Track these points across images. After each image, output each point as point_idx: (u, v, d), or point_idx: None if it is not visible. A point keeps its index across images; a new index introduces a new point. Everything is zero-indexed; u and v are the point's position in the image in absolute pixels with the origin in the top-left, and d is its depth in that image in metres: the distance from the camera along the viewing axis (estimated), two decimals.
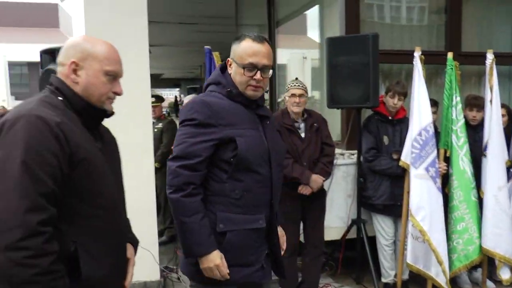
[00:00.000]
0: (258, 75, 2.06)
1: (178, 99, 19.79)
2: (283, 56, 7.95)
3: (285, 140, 3.69)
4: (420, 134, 3.66)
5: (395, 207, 3.93)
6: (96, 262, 1.54)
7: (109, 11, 4.20)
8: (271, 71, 2.13)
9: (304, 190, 3.64)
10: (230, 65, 2.14)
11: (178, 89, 26.62)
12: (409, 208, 3.69)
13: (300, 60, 8.16)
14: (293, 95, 3.68)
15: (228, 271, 2.02)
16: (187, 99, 6.15)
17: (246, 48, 2.07)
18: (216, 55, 3.45)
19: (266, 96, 7.13)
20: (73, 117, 1.57)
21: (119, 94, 1.70)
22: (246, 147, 2.03)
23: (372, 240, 4.10)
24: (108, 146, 1.75)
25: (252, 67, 2.06)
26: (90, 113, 1.63)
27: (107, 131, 1.83)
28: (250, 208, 2.09)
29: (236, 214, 2.06)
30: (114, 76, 1.66)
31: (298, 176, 3.60)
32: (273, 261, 2.27)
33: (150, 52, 4.96)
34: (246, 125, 2.09)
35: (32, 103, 1.51)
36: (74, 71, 1.61)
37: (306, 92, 3.77)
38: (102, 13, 4.20)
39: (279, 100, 6.79)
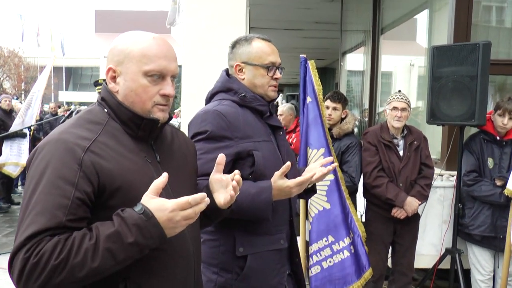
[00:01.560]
0: (278, 74, 2.01)
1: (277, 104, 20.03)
2: (389, 63, 7.59)
3: (382, 157, 3.49)
4: None
5: (496, 240, 3.49)
6: None
7: (209, 19, 4.32)
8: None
9: (398, 213, 3.45)
10: (241, 70, 2.00)
11: (281, 94, 27.00)
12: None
13: (407, 67, 7.73)
14: (395, 108, 3.49)
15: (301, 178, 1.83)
16: (282, 107, 6.06)
17: (263, 48, 1.99)
18: (311, 63, 3.29)
19: (366, 105, 6.86)
20: (118, 131, 1.38)
21: (168, 96, 1.40)
22: (264, 162, 1.90)
23: (468, 272, 3.70)
24: (174, 156, 1.52)
25: (272, 66, 1.99)
26: (138, 124, 1.39)
27: (178, 136, 1.61)
28: (270, 228, 1.95)
29: (256, 235, 1.92)
30: (159, 75, 1.38)
31: (393, 198, 3.41)
32: (294, 282, 2.12)
33: None
34: (261, 137, 1.95)
35: (68, 124, 1.37)
36: (113, 79, 1.40)
37: (409, 106, 3.56)
38: (201, 21, 4.33)
39: (380, 110, 6.47)
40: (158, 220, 1.22)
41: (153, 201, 1.24)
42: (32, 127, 6.42)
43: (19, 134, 7.06)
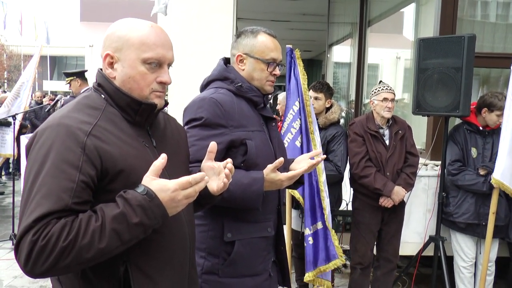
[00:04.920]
0: (277, 70, 2.03)
1: None
2: (375, 55, 7.64)
3: (369, 147, 3.53)
4: None
5: (479, 227, 3.58)
6: (152, 282, 1.37)
7: (196, 9, 4.31)
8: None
9: (386, 202, 3.49)
10: (242, 60, 2.02)
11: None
12: None
13: (394, 60, 7.81)
14: (385, 99, 3.52)
15: (293, 173, 1.89)
16: (280, 96, 6.04)
17: (267, 43, 2.00)
18: (297, 53, 3.30)
19: (353, 96, 6.91)
20: (116, 117, 1.39)
21: (165, 83, 1.44)
22: (256, 151, 1.93)
23: (451, 259, 3.79)
24: (168, 141, 1.55)
25: (273, 62, 2.01)
26: (136, 109, 1.41)
27: (170, 122, 1.64)
28: (259, 216, 1.99)
29: (245, 222, 1.96)
30: (157, 63, 1.41)
31: (381, 188, 3.45)
32: (279, 269, 2.16)
33: None
34: (254, 127, 1.98)
35: (66, 109, 1.37)
36: (110, 65, 1.41)
37: (395, 96, 3.59)
38: (189, 11, 4.32)
39: (366, 102, 6.54)
40: (161, 200, 1.25)
41: (154, 182, 1.27)
42: (17, 116, 6.30)
43: (3, 123, 6.94)
